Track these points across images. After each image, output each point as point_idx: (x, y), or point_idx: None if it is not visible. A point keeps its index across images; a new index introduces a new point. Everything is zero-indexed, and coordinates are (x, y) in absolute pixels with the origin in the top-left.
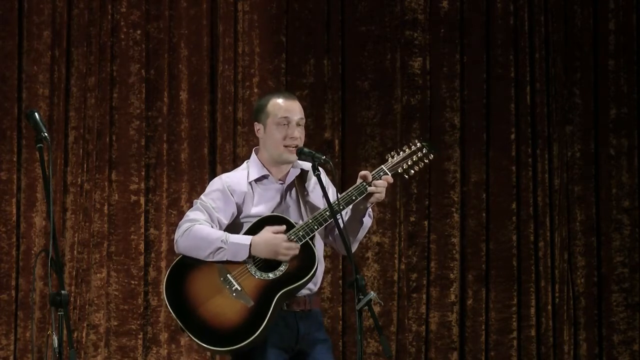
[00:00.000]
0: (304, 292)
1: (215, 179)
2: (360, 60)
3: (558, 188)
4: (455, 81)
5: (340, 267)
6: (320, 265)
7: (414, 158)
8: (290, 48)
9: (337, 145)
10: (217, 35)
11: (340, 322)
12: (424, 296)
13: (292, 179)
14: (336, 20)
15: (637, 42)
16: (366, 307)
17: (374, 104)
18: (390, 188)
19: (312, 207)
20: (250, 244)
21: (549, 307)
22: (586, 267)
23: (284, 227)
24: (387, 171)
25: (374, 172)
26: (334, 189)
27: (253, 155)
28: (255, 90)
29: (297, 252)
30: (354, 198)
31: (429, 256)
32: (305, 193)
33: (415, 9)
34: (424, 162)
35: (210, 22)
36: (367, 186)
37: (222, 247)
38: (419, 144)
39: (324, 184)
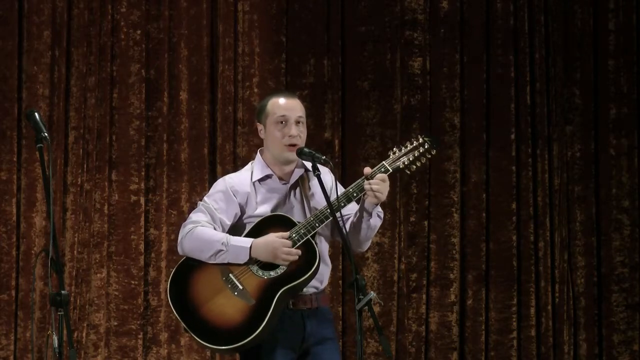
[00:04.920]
0: (310, 290)
1: (219, 180)
2: (360, 60)
3: (558, 188)
4: (455, 81)
5: (340, 267)
6: (324, 264)
7: (416, 153)
8: (290, 48)
9: (337, 145)
10: (217, 35)
11: (340, 322)
12: (424, 296)
13: (296, 179)
14: (336, 20)
15: (637, 42)
16: (366, 307)
17: (374, 104)
18: (390, 187)
19: (316, 207)
20: (251, 247)
21: (549, 307)
22: (586, 267)
23: (287, 233)
24: (388, 167)
25: (375, 168)
26: (341, 187)
27: (257, 155)
28: (255, 90)
29: (296, 257)
30: (354, 195)
31: (429, 256)
32: (310, 193)
33: (415, 9)
34: (426, 157)
35: (210, 22)
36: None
37: (222, 250)
38: (421, 139)
39: (324, 184)
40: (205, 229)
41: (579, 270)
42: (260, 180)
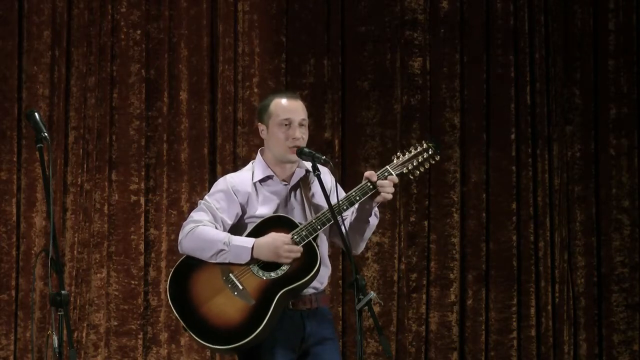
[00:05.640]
0: (310, 290)
1: (220, 179)
2: (360, 60)
3: (558, 188)
4: (455, 81)
5: (340, 267)
6: (324, 265)
7: (420, 159)
8: (290, 48)
9: (337, 145)
10: (217, 35)
11: (340, 322)
12: (424, 296)
13: (297, 180)
14: (336, 20)
15: (637, 42)
16: (366, 307)
17: (374, 104)
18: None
19: (317, 208)
20: (253, 247)
21: (549, 307)
22: (586, 267)
23: (288, 236)
24: (391, 172)
25: (379, 173)
26: (341, 188)
27: (258, 155)
28: (255, 90)
29: (298, 255)
30: (357, 199)
31: (429, 256)
32: (311, 194)
33: (415, 9)
34: (429, 162)
35: (210, 22)
36: (370, 186)
37: (224, 249)
38: (425, 145)
39: (325, 184)
40: (206, 228)
41: (579, 270)
42: (261, 180)
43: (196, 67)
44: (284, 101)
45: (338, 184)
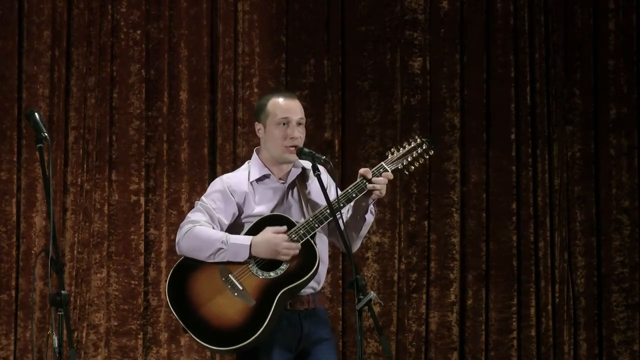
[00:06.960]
0: (308, 290)
1: (216, 179)
2: (360, 60)
3: (558, 188)
4: (455, 81)
5: (340, 267)
6: (323, 264)
7: (414, 154)
8: (290, 48)
9: (337, 145)
10: (217, 35)
11: (340, 322)
12: (424, 296)
13: (293, 179)
14: (336, 20)
15: (637, 42)
16: (366, 307)
17: (374, 104)
18: (390, 187)
19: (314, 206)
20: (251, 244)
21: (549, 307)
22: (586, 267)
23: (284, 227)
24: (387, 168)
25: (374, 169)
26: (336, 188)
27: (254, 155)
28: (255, 90)
29: (297, 252)
30: (354, 195)
31: (429, 256)
32: (307, 192)
33: (415, 9)
34: (424, 157)
35: (210, 22)
36: (367, 183)
37: (222, 248)
38: (419, 140)
39: (324, 183)
40: (204, 228)
41: (579, 270)
42: (258, 180)
43: (196, 67)
44: (281, 100)
45: (334, 184)
